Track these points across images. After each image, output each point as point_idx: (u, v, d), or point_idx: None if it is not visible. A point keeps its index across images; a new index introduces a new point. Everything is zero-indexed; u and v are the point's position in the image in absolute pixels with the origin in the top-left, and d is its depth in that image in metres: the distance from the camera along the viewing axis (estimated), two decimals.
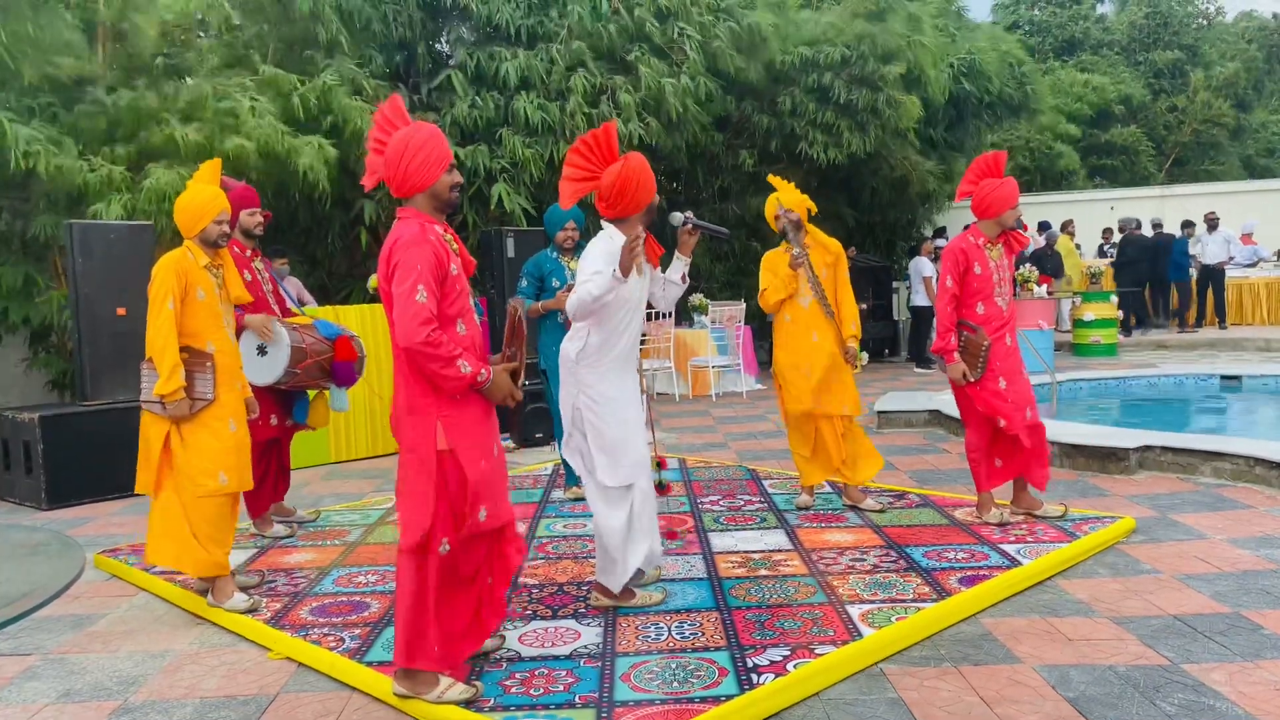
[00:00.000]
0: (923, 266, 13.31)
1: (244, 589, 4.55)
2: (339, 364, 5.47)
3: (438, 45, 11.72)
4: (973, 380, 5.22)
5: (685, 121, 11.58)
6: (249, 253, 5.55)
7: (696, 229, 4.19)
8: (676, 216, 4.19)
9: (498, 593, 3.50)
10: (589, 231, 5.13)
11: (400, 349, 3.16)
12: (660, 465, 4.50)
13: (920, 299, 13.39)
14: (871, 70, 12.66)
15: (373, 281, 2.98)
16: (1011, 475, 5.38)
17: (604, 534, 4.05)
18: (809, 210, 5.65)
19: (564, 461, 6.33)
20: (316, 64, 9.62)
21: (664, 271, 4.27)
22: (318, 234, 10.46)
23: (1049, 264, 13.87)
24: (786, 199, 5.58)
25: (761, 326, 14.70)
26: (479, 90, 10.60)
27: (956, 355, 5.23)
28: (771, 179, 5.77)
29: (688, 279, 4.31)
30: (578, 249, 6.15)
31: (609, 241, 3.98)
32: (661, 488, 4.49)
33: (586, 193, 3.98)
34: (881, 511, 5.57)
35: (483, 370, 3.23)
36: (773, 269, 5.65)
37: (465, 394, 3.26)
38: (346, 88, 9.53)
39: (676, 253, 4.22)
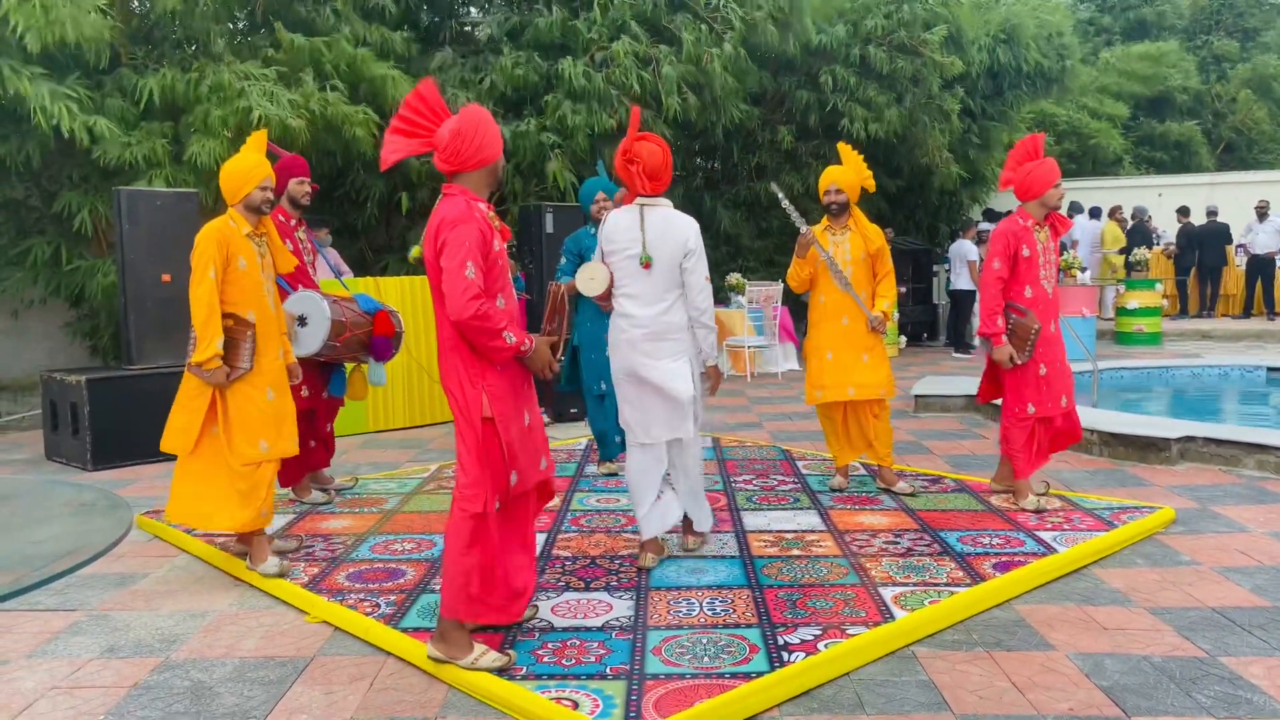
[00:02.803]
0: (966, 250, 13.12)
1: (281, 553, 4.64)
2: (377, 338, 5.53)
3: (473, 4, 11.65)
4: (1020, 363, 5.17)
5: (724, 100, 11.43)
6: (294, 222, 5.61)
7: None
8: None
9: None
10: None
11: (451, 322, 3.27)
12: None
13: (963, 282, 13.19)
14: (914, 36, 12.50)
15: (415, 252, 3.05)
16: (1045, 459, 5.38)
17: (698, 471, 4.55)
18: (864, 188, 5.60)
19: (596, 437, 6.34)
20: (323, 23, 9.40)
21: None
22: (359, 205, 10.50)
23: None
24: (840, 177, 5.53)
25: (798, 307, 14.62)
26: (518, 51, 10.50)
27: (1004, 338, 5.18)
28: (841, 148, 5.69)
29: None
30: None
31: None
32: None
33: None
34: (913, 495, 5.55)
35: (526, 340, 3.35)
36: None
37: (507, 364, 3.37)
38: (371, 50, 9.46)
39: None
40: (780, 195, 5.73)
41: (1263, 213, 15.39)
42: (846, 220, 5.57)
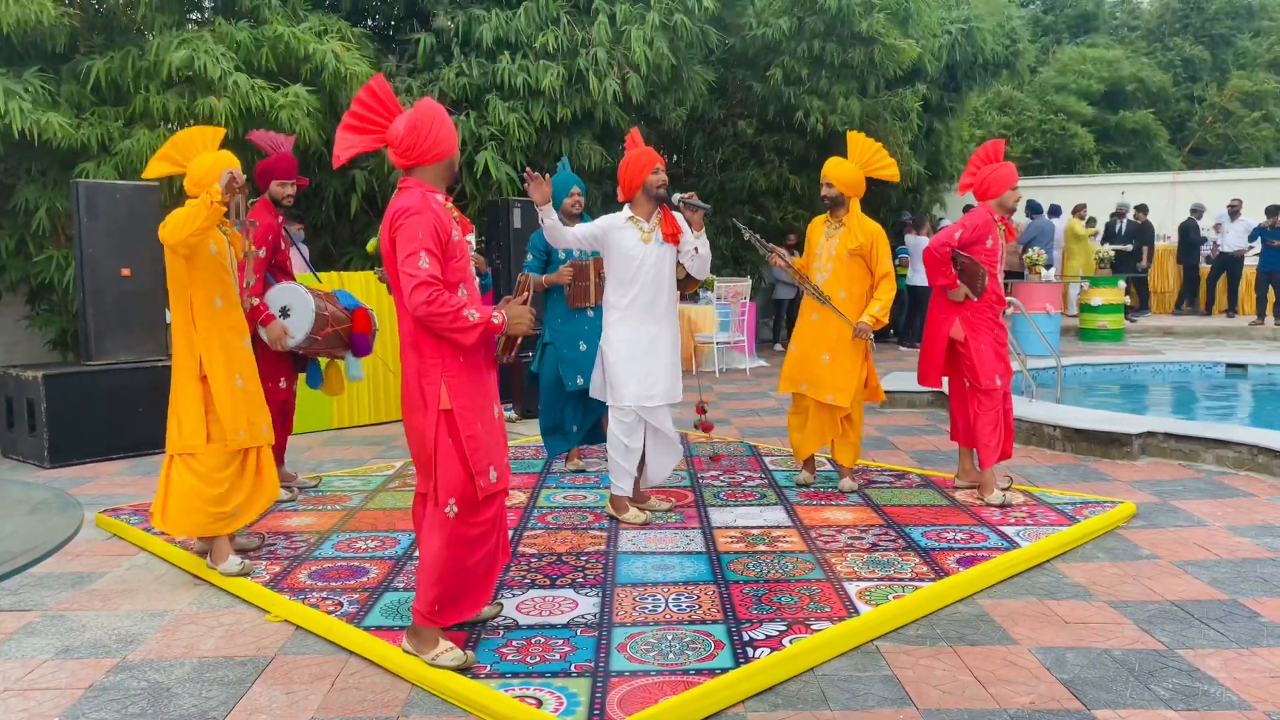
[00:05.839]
0: (921, 245, 13.20)
1: (243, 551, 4.58)
2: (356, 335, 5.54)
3: (421, 6, 11.50)
4: (974, 299, 5.27)
5: (677, 79, 11.21)
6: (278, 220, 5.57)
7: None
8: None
9: (500, 559, 3.60)
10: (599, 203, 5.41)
11: (408, 314, 3.23)
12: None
13: (920, 278, 13.27)
14: (861, 27, 12.41)
15: (372, 244, 3.05)
16: (1009, 453, 5.45)
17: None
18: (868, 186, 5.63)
19: (546, 430, 6.22)
20: (266, 13, 9.15)
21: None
22: (315, 202, 10.36)
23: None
24: (832, 171, 5.45)
25: (766, 304, 14.60)
26: (465, 55, 10.42)
27: (958, 282, 5.29)
28: (850, 136, 5.55)
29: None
30: (583, 217, 6.11)
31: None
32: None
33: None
34: (854, 492, 5.56)
35: (495, 314, 3.27)
36: (810, 238, 5.70)
37: (474, 350, 3.29)
38: (333, 35, 9.31)
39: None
40: (744, 230, 5.70)
41: (1235, 211, 15.57)
42: (843, 216, 5.48)
